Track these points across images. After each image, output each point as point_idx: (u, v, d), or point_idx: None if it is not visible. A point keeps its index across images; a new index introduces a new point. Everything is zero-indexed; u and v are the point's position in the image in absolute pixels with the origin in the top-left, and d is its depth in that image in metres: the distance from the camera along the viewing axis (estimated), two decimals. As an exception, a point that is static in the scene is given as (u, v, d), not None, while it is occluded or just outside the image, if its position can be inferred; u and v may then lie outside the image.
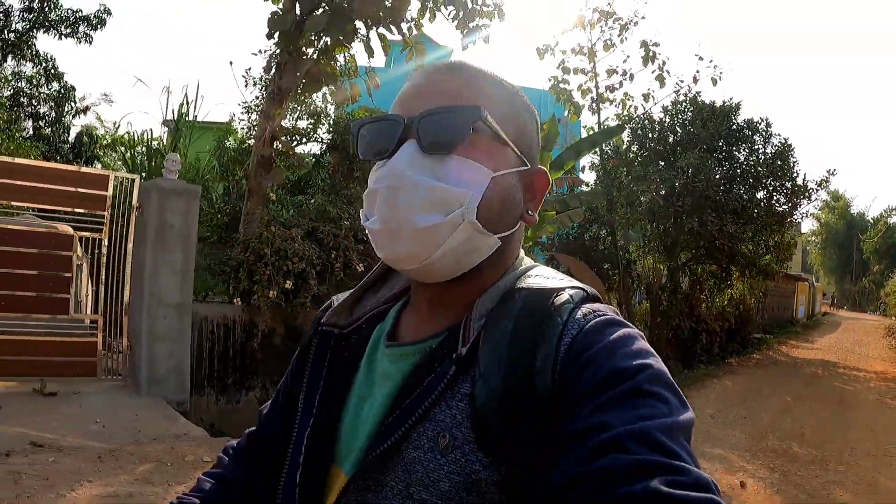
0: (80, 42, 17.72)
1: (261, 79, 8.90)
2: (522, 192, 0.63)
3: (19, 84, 18.39)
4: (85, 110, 19.47)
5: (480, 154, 0.58)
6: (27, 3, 16.88)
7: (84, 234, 5.27)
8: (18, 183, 4.98)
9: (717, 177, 11.93)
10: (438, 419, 0.55)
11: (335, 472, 0.63)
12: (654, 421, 0.46)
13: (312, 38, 6.27)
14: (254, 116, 8.89)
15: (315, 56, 6.25)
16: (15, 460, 3.56)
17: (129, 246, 5.27)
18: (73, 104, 19.07)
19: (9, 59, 17.75)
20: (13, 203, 5.31)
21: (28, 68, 18.34)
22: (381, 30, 6.28)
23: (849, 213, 49.94)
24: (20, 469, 3.40)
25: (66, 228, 5.45)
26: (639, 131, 12.70)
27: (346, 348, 0.69)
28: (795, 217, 13.86)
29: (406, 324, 0.67)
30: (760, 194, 12.85)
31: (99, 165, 15.69)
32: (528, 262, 0.67)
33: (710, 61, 15.74)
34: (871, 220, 48.82)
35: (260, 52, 10.89)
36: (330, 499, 0.61)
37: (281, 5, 6.43)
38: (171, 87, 31.83)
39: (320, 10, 5.88)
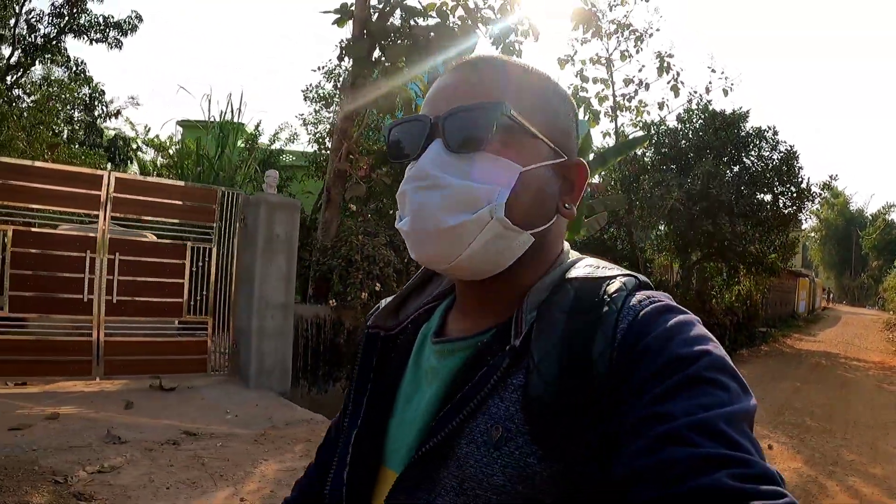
0: (111, 47, 18.00)
1: (322, 96, 9.81)
2: (559, 185, 0.62)
3: (49, 88, 18.72)
4: (116, 114, 20.04)
5: (508, 149, 0.57)
6: (57, 8, 16.98)
7: (195, 244, 5.93)
8: (142, 198, 5.78)
9: (728, 180, 12.87)
10: (491, 412, 0.54)
11: (383, 471, 0.62)
12: (715, 410, 0.45)
13: (384, 60, 7.19)
14: (313, 128, 9.82)
15: (387, 78, 7.17)
16: (186, 447, 4.00)
17: (236, 253, 6.09)
18: (104, 108, 19.84)
19: (37, 63, 18.01)
20: (137, 216, 6.06)
21: (59, 72, 18.69)
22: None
23: (848, 209, 50.82)
24: (198, 453, 3.83)
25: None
26: (655, 138, 13.65)
27: (392, 349, 0.69)
28: (800, 218, 14.86)
29: (453, 322, 0.67)
30: (768, 197, 13.78)
31: (135, 167, 16.36)
32: (574, 254, 0.66)
33: (722, 73, 16.65)
34: (870, 217, 49.77)
35: (319, 68, 11.86)
36: (379, 498, 0.61)
37: (351, 31, 7.35)
38: (212, 94, 32.74)
39: (400, 41, 6.80)
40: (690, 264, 14.70)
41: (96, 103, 19.91)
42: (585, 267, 0.61)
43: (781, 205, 13.66)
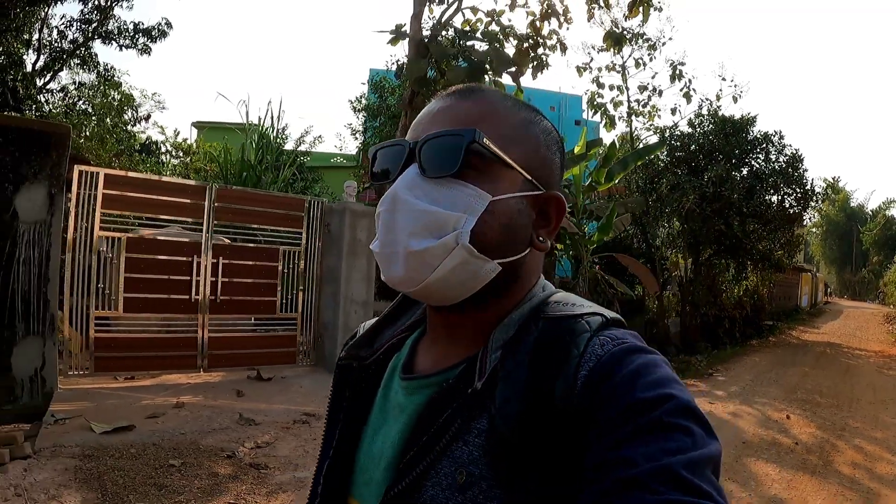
0: (140, 53, 17.81)
1: (367, 106, 10.70)
2: (533, 217, 0.62)
3: (79, 91, 18.81)
4: (147, 118, 20.57)
5: (481, 178, 0.58)
6: (85, 15, 16.90)
7: (286, 247, 6.73)
8: (247, 208, 6.63)
9: (738, 183, 13.77)
10: (455, 456, 0.54)
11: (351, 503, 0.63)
12: (677, 457, 0.45)
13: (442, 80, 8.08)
14: (361, 136, 10.68)
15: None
16: (315, 425, 4.53)
17: (320, 256, 6.95)
18: (134, 112, 20.03)
19: (65, 69, 17.98)
20: (235, 223, 6.90)
21: (89, 77, 18.51)
22: (498, 79, 8.10)
23: (848, 205, 51.67)
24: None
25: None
26: (668, 143, 14.55)
27: (365, 380, 0.69)
28: (805, 217, 15.78)
29: (422, 354, 0.67)
30: (774, 198, 14.70)
31: (170, 172, 17.02)
32: (549, 288, 0.65)
33: (732, 80, 17.47)
34: (870, 213, 50.64)
35: (363, 84, 12.79)
36: None
37: (407, 52, 8.22)
38: (249, 100, 33.30)
39: (455, 61, 7.70)
40: (702, 261, 15.62)
41: (126, 108, 20.44)
42: (555, 304, 0.61)
43: (787, 205, 14.56)
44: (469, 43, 7.88)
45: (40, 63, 16.85)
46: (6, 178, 4.02)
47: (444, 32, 8.19)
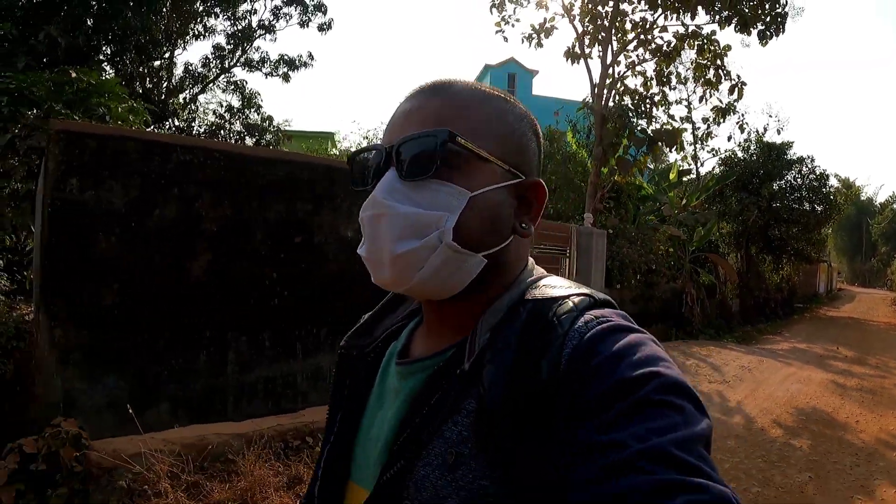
0: (284, 80, 18.64)
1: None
2: (514, 205, 0.63)
3: (222, 112, 19.33)
4: (289, 137, 20.47)
5: (458, 175, 0.59)
6: (232, 45, 17.85)
7: (559, 255, 11.55)
8: (545, 232, 11.28)
9: (783, 197, 18.35)
10: (446, 436, 0.56)
11: (350, 487, 0.66)
12: (668, 435, 0.45)
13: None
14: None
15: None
16: None
17: (575, 262, 11.73)
18: (276, 133, 20.20)
19: (205, 90, 19.03)
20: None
21: (231, 99, 19.10)
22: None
23: (859, 199, 55.58)
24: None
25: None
26: (728, 167, 19.16)
27: (364, 367, 0.72)
28: (830, 223, 20.46)
29: (418, 340, 0.69)
30: (806, 206, 19.30)
31: None
32: (538, 272, 0.67)
33: (776, 115, 22.32)
34: (879, 206, 54.57)
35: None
36: None
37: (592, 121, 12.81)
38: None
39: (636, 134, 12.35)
40: (749, 256, 20.26)
41: (265, 129, 22.65)
42: (543, 287, 0.62)
43: (819, 212, 19.19)
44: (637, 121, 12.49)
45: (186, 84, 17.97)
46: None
47: (618, 99, 12.70)
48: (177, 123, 17.45)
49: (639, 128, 12.43)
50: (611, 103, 12.56)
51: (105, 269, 3.82)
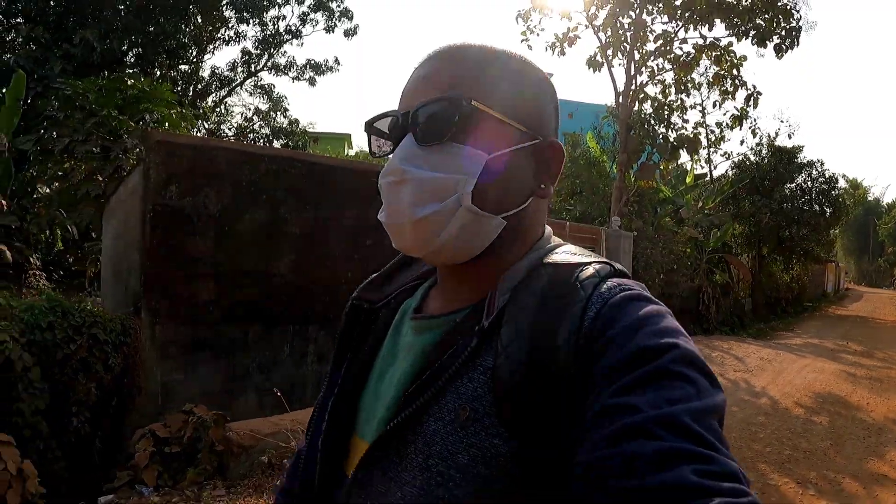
0: (310, 84, 18.82)
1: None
2: (533, 167, 0.64)
3: (251, 116, 19.40)
4: (315, 140, 21.58)
5: (475, 138, 0.59)
6: (259, 50, 17.96)
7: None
8: (575, 234, 12.21)
9: (794, 200, 19.08)
10: (460, 392, 0.55)
11: (355, 440, 0.65)
12: (681, 405, 0.45)
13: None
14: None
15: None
16: None
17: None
18: (303, 135, 20.11)
19: (232, 94, 18.93)
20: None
21: (258, 102, 19.29)
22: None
23: (866, 200, 55.98)
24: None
25: None
26: (742, 171, 19.90)
27: (373, 322, 0.72)
28: (838, 225, 21.19)
29: (433, 299, 0.69)
30: (816, 208, 20.02)
31: None
32: (556, 240, 0.67)
33: (787, 121, 23.08)
34: (886, 207, 55.02)
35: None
36: (350, 466, 0.63)
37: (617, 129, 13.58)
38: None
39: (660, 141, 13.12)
40: (761, 256, 20.99)
41: (292, 132, 22.91)
42: (563, 253, 0.63)
43: (828, 214, 19.90)
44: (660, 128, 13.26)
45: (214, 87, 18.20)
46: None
47: (638, 107, 13.45)
48: (207, 126, 18.26)
49: (661, 135, 13.21)
50: (633, 110, 13.36)
51: (200, 269, 4.09)
